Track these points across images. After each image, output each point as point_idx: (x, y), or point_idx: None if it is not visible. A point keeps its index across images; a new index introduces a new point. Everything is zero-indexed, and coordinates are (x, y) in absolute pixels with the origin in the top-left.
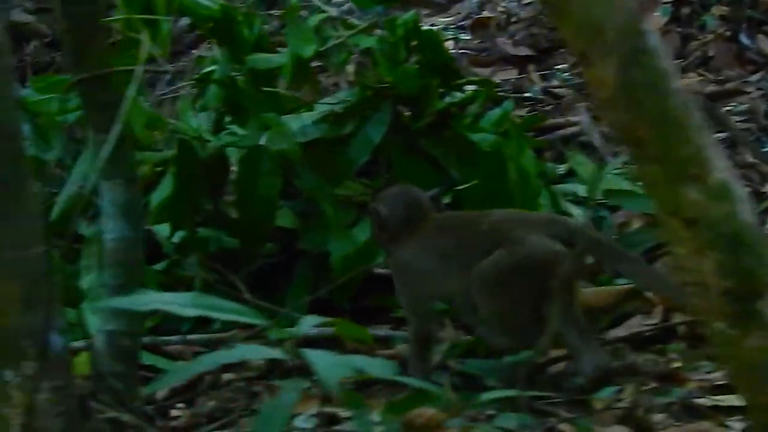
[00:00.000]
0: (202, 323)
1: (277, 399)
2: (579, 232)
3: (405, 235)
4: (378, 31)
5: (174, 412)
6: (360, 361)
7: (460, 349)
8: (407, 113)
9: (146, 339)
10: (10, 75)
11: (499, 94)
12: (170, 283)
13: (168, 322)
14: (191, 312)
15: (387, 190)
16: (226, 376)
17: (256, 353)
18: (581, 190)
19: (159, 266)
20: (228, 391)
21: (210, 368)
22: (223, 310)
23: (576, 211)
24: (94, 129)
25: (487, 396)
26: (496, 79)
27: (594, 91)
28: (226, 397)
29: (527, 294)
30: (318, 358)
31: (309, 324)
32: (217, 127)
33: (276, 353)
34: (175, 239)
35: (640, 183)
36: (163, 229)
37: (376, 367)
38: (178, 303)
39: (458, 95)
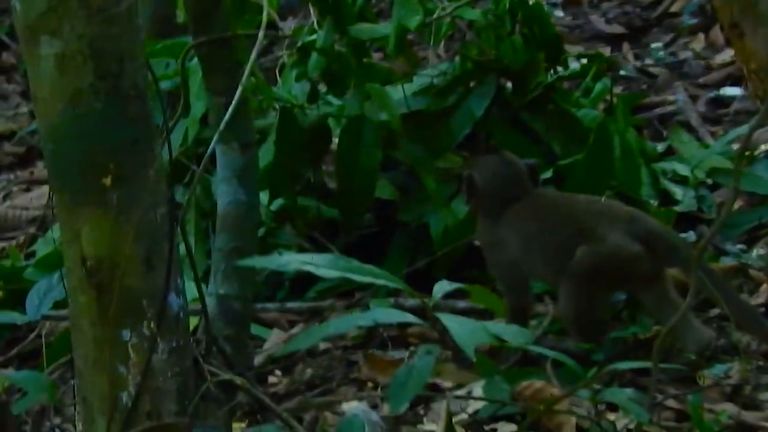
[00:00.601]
0: (297, 291)
1: (413, 364)
2: (658, 235)
3: (495, 206)
4: (483, 4)
5: (272, 379)
6: (495, 327)
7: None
8: (510, 87)
9: None
10: (140, 35)
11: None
12: (266, 251)
13: (264, 291)
14: (332, 273)
15: (485, 156)
16: (323, 345)
17: (391, 316)
18: (681, 168)
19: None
20: (325, 360)
21: (340, 332)
22: (363, 273)
23: (676, 190)
24: (212, 92)
25: (594, 371)
26: None
27: (744, 62)
28: (324, 365)
29: (605, 294)
30: (455, 324)
31: (443, 289)
32: (313, 97)
33: (411, 317)
34: (274, 207)
35: None
36: (261, 197)
37: (512, 334)
38: (319, 264)
39: (561, 70)
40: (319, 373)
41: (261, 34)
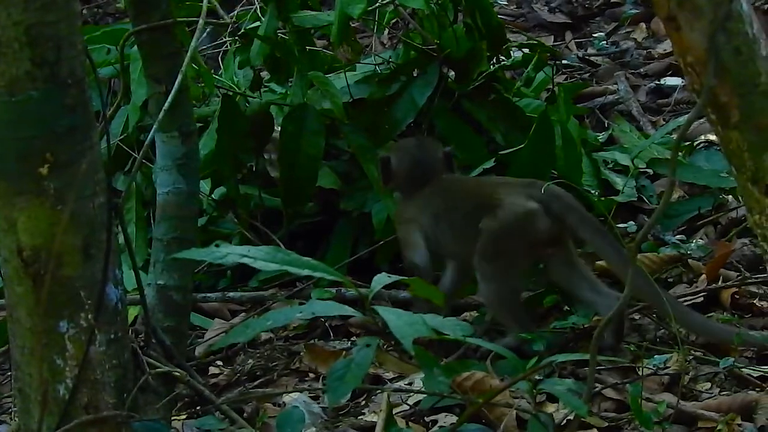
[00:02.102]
0: (240, 280)
1: (351, 356)
2: (555, 196)
3: (409, 187)
4: None
5: (212, 370)
6: (433, 320)
7: None
8: (453, 76)
9: None
10: (78, 21)
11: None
12: (208, 240)
13: (206, 281)
14: (270, 266)
15: (404, 140)
16: (264, 335)
17: (330, 309)
18: (622, 158)
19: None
20: (266, 350)
21: (279, 324)
22: (302, 266)
23: (617, 180)
24: (152, 79)
25: (533, 363)
26: None
27: (680, 55)
28: (265, 356)
29: (517, 265)
30: (393, 317)
31: (381, 282)
32: (255, 85)
33: (349, 310)
34: (215, 196)
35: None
36: (203, 186)
37: (451, 327)
38: (257, 257)
39: (504, 59)
40: (260, 363)
41: (201, 20)
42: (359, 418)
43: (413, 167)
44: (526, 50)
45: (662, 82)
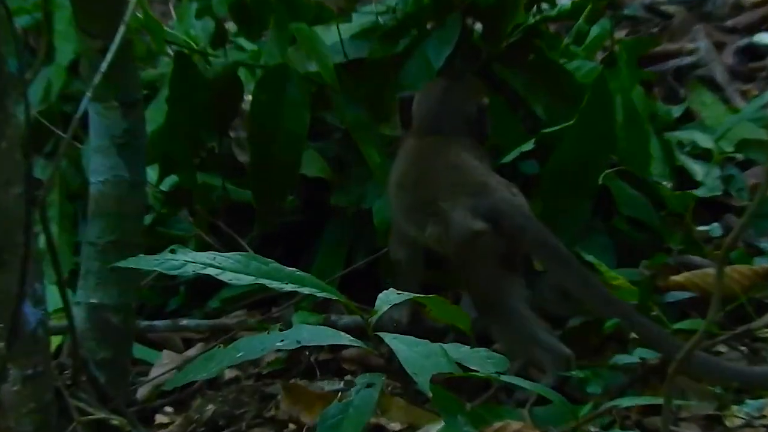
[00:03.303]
0: (196, 299)
1: (349, 399)
2: (504, 211)
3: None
4: None
5: (160, 418)
6: (458, 351)
7: None
8: (479, 30)
9: None
10: None
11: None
12: (154, 245)
13: (152, 300)
14: (243, 279)
15: (443, 78)
16: (229, 372)
17: (320, 337)
18: (703, 139)
19: None
20: (232, 392)
21: (253, 357)
22: (283, 278)
23: (696, 168)
24: (85, 32)
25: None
26: None
27: None
28: (231, 400)
29: (494, 272)
30: (405, 347)
31: (389, 300)
32: (219, 40)
33: (346, 338)
34: (165, 186)
35: None
36: (149, 173)
37: (480, 360)
38: (225, 267)
39: (547, 8)
40: (224, 410)
41: None
42: None
43: (427, 114)
44: None
45: (754, 39)
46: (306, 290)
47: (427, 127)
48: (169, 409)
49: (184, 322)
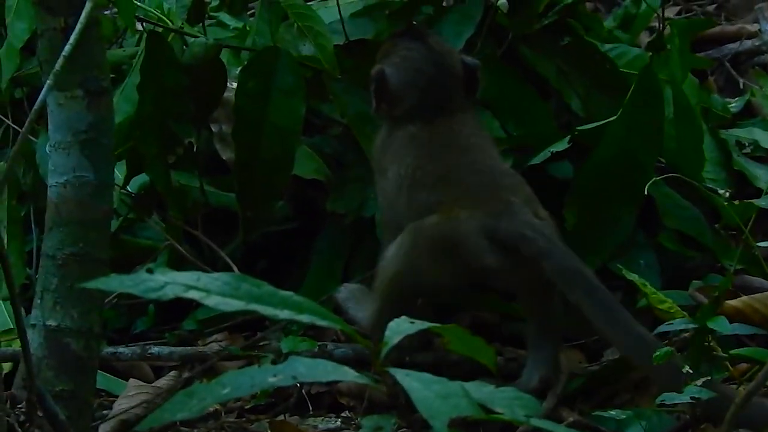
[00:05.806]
0: (167, 319)
1: None
2: (528, 238)
3: (405, 119)
4: None
5: None
6: (479, 390)
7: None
8: (506, 6)
9: None
10: None
11: None
12: (119, 256)
13: (115, 321)
14: (232, 305)
15: (403, 41)
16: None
17: (320, 372)
18: (766, 138)
19: None
20: (210, 429)
21: (240, 394)
22: (277, 303)
23: (758, 172)
24: (43, 8)
25: None
26: None
27: None
28: None
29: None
30: (419, 384)
31: (401, 331)
32: (197, 16)
33: (350, 374)
34: (133, 188)
35: None
36: (116, 173)
37: (506, 401)
38: (211, 289)
39: None
40: None
41: None
42: None
43: (422, 83)
44: None
45: None
46: (305, 318)
47: (427, 109)
48: None
49: (155, 350)
